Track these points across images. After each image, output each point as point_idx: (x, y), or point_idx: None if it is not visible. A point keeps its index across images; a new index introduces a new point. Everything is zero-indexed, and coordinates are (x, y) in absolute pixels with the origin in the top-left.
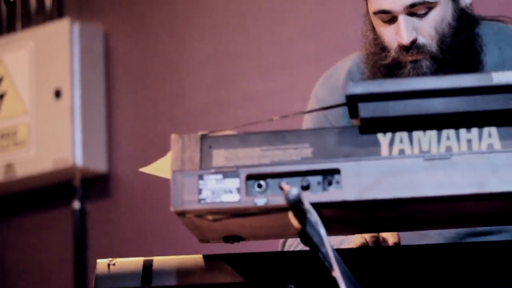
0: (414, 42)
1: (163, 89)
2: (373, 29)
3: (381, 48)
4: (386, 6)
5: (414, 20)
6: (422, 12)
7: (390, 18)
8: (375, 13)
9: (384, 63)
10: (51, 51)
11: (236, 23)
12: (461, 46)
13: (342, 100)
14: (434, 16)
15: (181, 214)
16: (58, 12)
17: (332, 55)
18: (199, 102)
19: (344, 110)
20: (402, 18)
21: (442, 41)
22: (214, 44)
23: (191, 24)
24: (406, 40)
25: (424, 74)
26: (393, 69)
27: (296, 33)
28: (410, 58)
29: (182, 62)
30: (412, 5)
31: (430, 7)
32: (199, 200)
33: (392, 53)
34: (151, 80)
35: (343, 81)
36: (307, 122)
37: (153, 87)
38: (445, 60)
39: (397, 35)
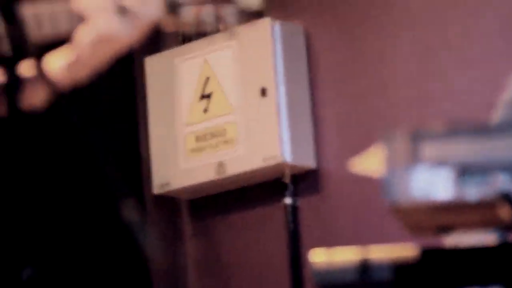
0: None
1: (366, 84)
2: None
3: None
4: None
5: None
6: None
7: None
8: None
9: None
10: (254, 50)
11: (433, 18)
12: None
13: None
14: None
15: (393, 208)
16: (258, 12)
17: None
18: (402, 96)
19: None
20: None
21: None
22: (413, 39)
23: (390, 20)
24: None
25: None
26: None
27: (495, 26)
28: None
29: (382, 58)
30: None
31: None
32: (411, 195)
33: None
34: (354, 76)
35: None
36: None
37: (356, 82)
38: None
39: None
